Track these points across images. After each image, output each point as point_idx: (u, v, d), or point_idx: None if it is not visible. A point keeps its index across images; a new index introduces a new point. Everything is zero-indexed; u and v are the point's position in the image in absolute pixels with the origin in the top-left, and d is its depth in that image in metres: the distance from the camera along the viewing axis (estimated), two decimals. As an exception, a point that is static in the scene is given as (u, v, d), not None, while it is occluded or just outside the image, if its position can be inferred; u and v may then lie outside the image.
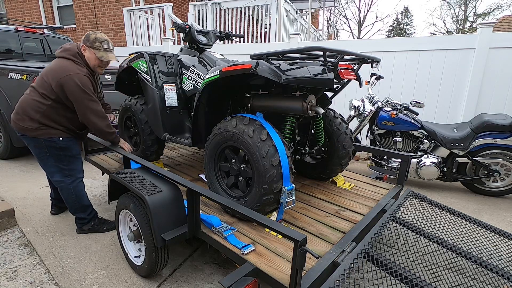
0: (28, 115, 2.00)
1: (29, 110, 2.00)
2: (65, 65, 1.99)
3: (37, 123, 2.01)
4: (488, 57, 3.82)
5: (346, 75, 1.64)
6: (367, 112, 3.51)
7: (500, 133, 2.99)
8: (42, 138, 2.04)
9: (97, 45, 2.04)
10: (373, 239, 1.54)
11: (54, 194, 2.57)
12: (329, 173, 2.34)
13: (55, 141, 2.08)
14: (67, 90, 1.96)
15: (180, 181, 1.62)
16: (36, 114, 2.00)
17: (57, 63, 2.02)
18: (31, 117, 2.00)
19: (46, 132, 2.04)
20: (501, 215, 2.85)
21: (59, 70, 1.97)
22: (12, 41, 4.40)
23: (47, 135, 2.05)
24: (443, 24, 26.10)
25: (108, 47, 2.08)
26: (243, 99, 2.07)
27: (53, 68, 2.00)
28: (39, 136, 2.03)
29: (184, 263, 2.01)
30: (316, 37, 10.48)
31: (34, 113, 2.00)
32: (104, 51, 2.07)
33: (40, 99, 2.00)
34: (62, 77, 1.94)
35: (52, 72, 1.98)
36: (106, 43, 2.07)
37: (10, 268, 1.94)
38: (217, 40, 2.72)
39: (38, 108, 2.00)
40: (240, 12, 6.28)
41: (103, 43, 2.06)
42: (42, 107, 2.00)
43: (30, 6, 9.17)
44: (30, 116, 2.00)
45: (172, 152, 3.27)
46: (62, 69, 1.97)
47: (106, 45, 2.07)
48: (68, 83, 1.94)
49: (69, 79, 1.94)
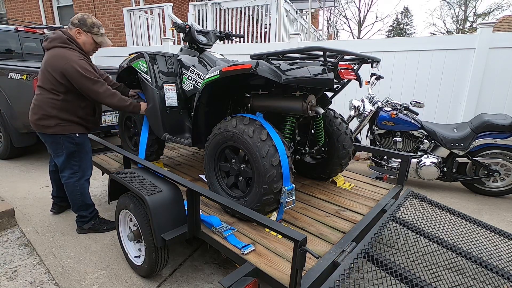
0: (46, 113, 2.04)
1: (46, 108, 2.04)
2: (60, 53, 1.98)
3: (55, 119, 2.06)
4: (488, 57, 3.82)
5: (346, 75, 1.64)
6: (367, 112, 3.51)
7: (500, 133, 2.99)
8: (60, 135, 2.10)
9: (95, 30, 2.07)
10: (373, 239, 1.54)
11: (56, 192, 2.58)
12: (329, 173, 2.34)
13: (72, 137, 2.14)
14: (70, 78, 1.98)
15: (180, 181, 1.62)
16: (53, 110, 2.05)
17: (51, 54, 2.00)
18: (49, 115, 2.05)
19: (64, 129, 2.10)
20: (501, 215, 2.85)
21: (56, 60, 1.96)
22: (12, 41, 4.41)
23: (65, 132, 2.11)
24: (443, 24, 26.13)
25: (103, 31, 2.14)
26: (243, 99, 2.07)
27: (49, 60, 1.99)
28: (57, 132, 2.09)
29: (184, 263, 2.01)
30: (316, 37, 10.48)
31: (50, 109, 2.04)
32: (102, 36, 2.12)
33: (51, 96, 2.03)
34: (61, 65, 1.95)
35: (49, 64, 1.98)
36: (102, 28, 2.12)
37: (10, 268, 1.94)
38: (217, 40, 2.72)
39: (53, 104, 2.04)
40: (240, 12, 6.28)
41: (100, 28, 2.10)
42: (57, 102, 2.04)
43: (30, 6, 9.16)
44: (48, 114, 2.05)
45: (172, 152, 3.27)
46: (59, 58, 1.96)
47: (102, 30, 2.13)
48: (69, 70, 1.95)
49: (69, 66, 1.95)
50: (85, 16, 2.05)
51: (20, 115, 3.64)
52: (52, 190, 2.59)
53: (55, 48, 2.01)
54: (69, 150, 2.15)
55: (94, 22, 2.06)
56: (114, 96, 2.13)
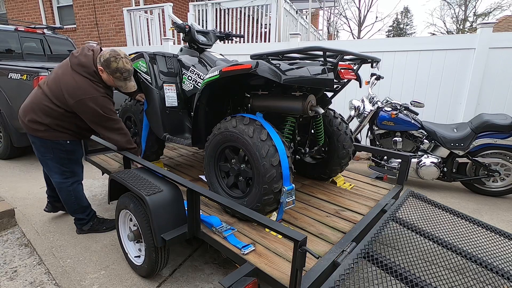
0: (38, 119, 1.97)
1: (40, 114, 1.97)
2: (83, 84, 1.90)
3: (46, 126, 1.99)
4: (488, 57, 3.82)
5: (346, 75, 1.64)
6: (367, 112, 3.51)
7: (500, 133, 2.99)
8: (49, 140, 2.03)
9: (117, 75, 1.95)
10: (373, 239, 1.54)
11: (50, 192, 2.50)
12: (329, 173, 2.34)
13: (62, 143, 2.06)
14: (80, 112, 1.93)
15: (180, 181, 1.62)
16: (47, 119, 1.97)
17: (74, 79, 1.90)
18: (41, 121, 1.98)
19: (54, 135, 2.02)
20: (501, 215, 2.85)
21: (77, 90, 1.89)
22: (12, 41, 4.40)
23: (55, 138, 2.03)
24: (443, 24, 26.13)
25: (128, 75, 1.99)
26: (243, 99, 2.07)
27: (70, 84, 1.90)
28: (46, 137, 2.01)
29: (184, 263, 2.01)
30: (316, 37, 10.48)
31: (44, 117, 1.97)
32: (124, 80, 1.99)
33: (51, 105, 1.95)
34: (80, 98, 1.88)
35: (69, 88, 1.90)
36: (127, 73, 1.96)
37: (10, 268, 1.94)
38: (217, 40, 2.72)
39: (49, 113, 1.97)
40: (240, 12, 6.28)
41: (124, 73, 1.95)
42: (53, 113, 1.97)
43: (30, 6, 9.17)
44: (40, 120, 1.97)
45: (172, 152, 3.27)
46: (80, 89, 1.89)
47: (126, 75, 1.97)
48: (87, 105, 1.90)
49: (90, 101, 1.89)
50: (111, 59, 1.90)
51: (20, 115, 3.64)
52: (47, 189, 2.52)
53: (79, 75, 1.92)
54: (58, 156, 2.08)
55: (118, 68, 1.91)
56: (124, 136, 2.09)
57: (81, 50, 2.00)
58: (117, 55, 1.92)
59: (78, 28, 8.63)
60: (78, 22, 8.58)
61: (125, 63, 1.95)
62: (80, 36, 8.63)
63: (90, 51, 2.00)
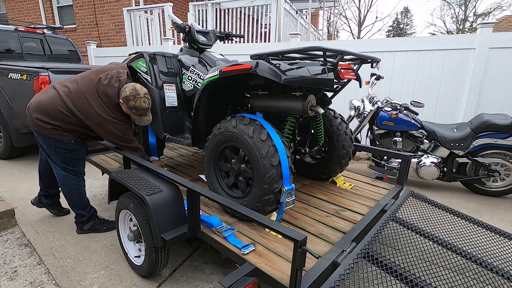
0: (48, 120, 2.00)
1: (52, 116, 2.00)
2: (105, 111, 2.02)
3: (53, 126, 2.02)
4: (488, 57, 3.82)
5: (346, 75, 1.64)
6: (367, 112, 3.51)
7: (500, 133, 2.99)
8: (53, 138, 2.05)
9: (133, 112, 2.04)
10: (373, 239, 1.54)
11: (42, 185, 2.44)
12: (329, 173, 2.34)
13: (66, 142, 2.09)
14: (103, 131, 2.06)
15: (180, 181, 1.62)
16: (56, 122, 2.02)
17: (98, 105, 2.01)
18: (50, 122, 2.01)
19: (59, 134, 2.06)
20: (501, 215, 2.85)
21: (99, 117, 2.01)
22: (12, 41, 4.40)
23: (60, 136, 2.06)
24: (443, 24, 26.15)
25: (143, 113, 2.07)
26: (243, 99, 2.07)
27: (93, 109, 2.00)
28: (51, 135, 2.04)
29: (184, 263, 2.01)
30: (316, 37, 10.48)
31: (54, 120, 2.01)
32: (139, 116, 2.08)
33: (67, 113, 2.01)
34: (100, 121, 2.02)
35: (91, 112, 2.00)
36: (142, 111, 2.05)
37: (10, 268, 1.94)
38: (217, 40, 2.72)
39: (61, 119, 2.02)
40: (240, 12, 6.28)
41: (140, 111, 2.05)
42: (66, 119, 2.02)
43: (30, 6, 9.16)
44: (49, 121, 2.00)
45: (172, 152, 3.27)
46: (101, 117, 2.01)
47: (141, 112, 2.06)
48: (107, 127, 2.04)
49: (110, 124, 2.04)
50: (130, 97, 1.99)
51: (20, 115, 3.64)
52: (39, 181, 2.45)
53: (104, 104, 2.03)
54: (61, 154, 2.11)
55: (135, 106, 2.01)
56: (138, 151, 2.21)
57: (109, 78, 2.06)
58: (136, 94, 2.00)
59: (78, 28, 8.62)
60: (78, 22, 8.58)
61: (143, 102, 2.03)
62: (80, 36, 8.62)
63: (117, 81, 2.07)
